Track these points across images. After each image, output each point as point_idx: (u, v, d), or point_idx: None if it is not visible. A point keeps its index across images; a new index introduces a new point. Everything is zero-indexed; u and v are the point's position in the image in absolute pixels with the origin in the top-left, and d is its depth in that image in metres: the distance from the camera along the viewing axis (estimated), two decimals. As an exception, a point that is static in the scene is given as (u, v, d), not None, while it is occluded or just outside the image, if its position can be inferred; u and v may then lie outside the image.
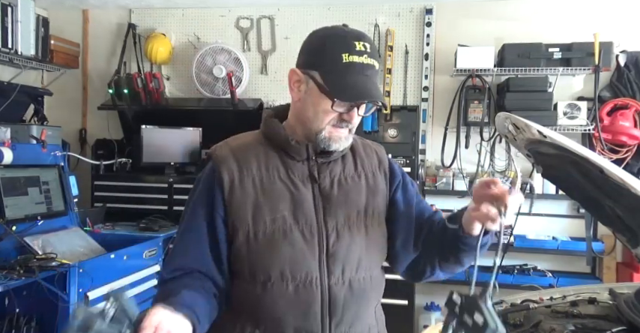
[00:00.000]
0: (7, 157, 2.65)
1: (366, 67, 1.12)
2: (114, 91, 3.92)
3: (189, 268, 1.16)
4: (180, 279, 1.15)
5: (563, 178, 1.66)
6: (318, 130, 1.16)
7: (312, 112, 1.16)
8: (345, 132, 1.18)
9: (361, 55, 1.11)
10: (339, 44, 1.12)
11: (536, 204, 3.66)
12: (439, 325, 1.58)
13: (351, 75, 1.11)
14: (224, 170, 1.18)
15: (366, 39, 1.14)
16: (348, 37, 1.13)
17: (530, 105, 3.43)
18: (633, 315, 1.37)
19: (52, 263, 2.43)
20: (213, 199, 1.17)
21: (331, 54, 1.12)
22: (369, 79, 1.13)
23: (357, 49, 1.11)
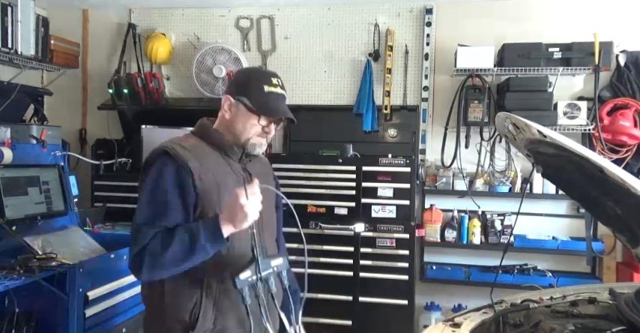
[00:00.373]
0: (7, 157, 2.65)
1: (280, 96, 1.60)
2: (114, 91, 3.93)
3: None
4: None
5: (563, 178, 1.66)
6: (247, 138, 1.59)
7: (241, 126, 1.59)
8: (265, 140, 1.63)
9: (276, 87, 1.59)
10: (262, 79, 1.60)
11: (536, 204, 3.67)
12: (439, 325, 1.59)
13: (271, 100, 1.58)
14: (191, 165, 1.49)
15: (278, 76, 1.63)
16: (267, 74, 1.62)
17: (530, 105, 3.43)
18: (633, 315, 1.36)
19: (52, 263, 2.42)
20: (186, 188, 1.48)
21: (256, 85, 1.58)
22: (282, 103, 1.61)
23: (273, 83, 1.59)
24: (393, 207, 3.48)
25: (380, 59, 3.89)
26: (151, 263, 1.40)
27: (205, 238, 1.38)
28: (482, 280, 3.52)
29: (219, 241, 1.39)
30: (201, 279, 1.50)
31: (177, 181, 1.48)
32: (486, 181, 3.73)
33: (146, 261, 1.40)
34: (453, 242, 3.68)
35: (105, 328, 2.64)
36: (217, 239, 1.38)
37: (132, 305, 2.86)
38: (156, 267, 1.41)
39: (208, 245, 1.38)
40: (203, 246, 1.38)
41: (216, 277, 1.50)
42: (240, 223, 1.35)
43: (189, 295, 1.50)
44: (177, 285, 1.50)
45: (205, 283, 1.50)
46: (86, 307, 2.48)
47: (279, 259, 1.44)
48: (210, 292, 1.50)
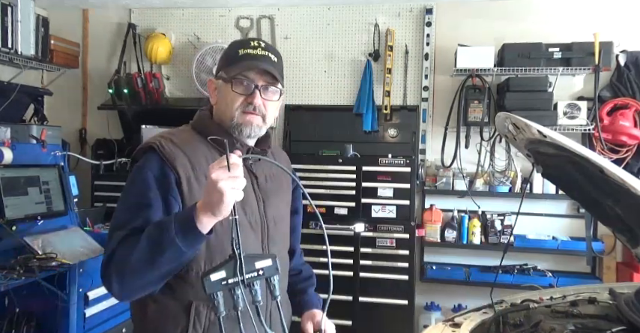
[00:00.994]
0: (7, 157, 2.65)
1: (260, 56, 1.29)
2: (114, 91, 3.93)
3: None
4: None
5: (563, 177, 1.66)
6: (231, 117, 1.30)
7: (224, 104, 1.32)
8: (257, 119, 1.31)
9: (255, 49, 1.30)
10: (237, 44, 1.34)
11: (536, 204, 3.67)
12: (439, 325, 1.59)
13: (245, 61, 1.28)
14: (180, 168, 1.24)
15: (264, 41, 1.34)
16: (246, 39, 1.35)
17: (530, 105, 3.43)
18: (633, 315, 1.36)
19: (52, 263, 2.43)
20: (170, 191, 1.23)
21: (230, 53, 1.32)
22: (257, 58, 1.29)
23: (251, 45, 1.31)
24: (393, 207, 3.48)
25: (380, 59, 3.88)
26: (118, 270, 1.15)
27: (176, 228, 1.08)
28: (483, 280, 3.52)
29: (192, 233, 1.08)
30: (188, 303, 1.25)
31: (160, 181, 1.23)
32: (486, 181, 3.73)
33: (112, 268, 1.16)
34: (453, 242, 3.68)
35: (105, 328, 2.64)
36: (190, 230, 1.08)
37: (132, 305, 2.86)
38: (124, 274, 1.15)
39: (179, 237, 1.08)
40: (172, 239, 1.08)
41: (206, 303, 1.23)
42: (217, 206, 1.02)
43: (173, 323, 1.25)
44: (162, 308, 1.27)
45: (193, 309, 1.24)
46: (86, 307, 2.49)
47: (267, 260, 1.05)
48: (199, 320, 1.25)
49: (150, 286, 1.18)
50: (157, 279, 1.16)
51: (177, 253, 1.10)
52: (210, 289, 0.98)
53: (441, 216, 3.74)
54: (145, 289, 1.19)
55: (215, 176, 1.01)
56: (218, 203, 1.02)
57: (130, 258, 1.12)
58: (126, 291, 1.18)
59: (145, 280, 1.15)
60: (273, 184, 1.39)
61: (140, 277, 1.14)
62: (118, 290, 1.17)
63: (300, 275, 1.60)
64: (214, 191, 1.01)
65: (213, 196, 1.02)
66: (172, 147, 1.27)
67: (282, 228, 1.43)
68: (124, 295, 1.21)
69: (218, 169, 1.01)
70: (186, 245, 1.09)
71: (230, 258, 1.01)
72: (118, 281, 1.16)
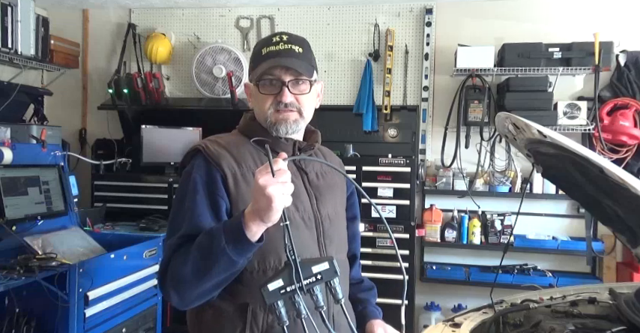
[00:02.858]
0: (7, 157, 2.65)
1: (282, 51, 1.26)
2: (114, 91, 3.93)
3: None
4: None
5: (563, 177, 1.66)
6: (265, 118, 1.28)
7: (257, 106, 1.31)
8: (292, 115, 1.28)
9: (277, 45, 1.27)
10: (261, 43, 1.31)
11: (536, 204, 3.67)
12: (439, 325, 1.58)
13: (268, 59, 1.25)
14: (225, 165, 1.23)
15: (285, 33, 1.31)
16: (269, 36, 1.31)
17: (530, 105, 3.43)
18: (633, 315, 1.36)
19: (52, 263, 2.42)
20: (217, 191, 1.22)
21: (255, 53, 1.30)
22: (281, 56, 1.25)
23: (273, 41, 1.28)
24: (393, 207, 3.48)
25: (380, 59, 3.89)
26: (174, 283, 1.15)
27: (226, 238, 1.07)
28: (482, 280, 3.52)
29: (242, 242, 1.06)
30: (245, 306, 1.23)
31: (207, 183, 1.23)
32: (486, 181, 3.73)
33: (169, 281, 1.16)
34: (453, 242, 3.68)
35: (105, 328, 2.64)
36: (240, 240, 1.05)
37: (132, 305, 2.86)
38: (180, 287, 1.15)
39: (230, 247, 1.06)
40: (223, 249, 1.06)
41: (263, 305, 1.20)
42: (265, 213, 1.00)
43: (231, 326, 1.23)
44: (218, 313, 1.25)
45: (250, 312, 1.22)
46: (86, 307, 2.49)
47: (324, 263, 1.00)
48: (256, 323, 1.22)
49: (207, 294, 1.18)
50: (213, 288, 1.16)
51: (228, 263, 1.08)
52: (269, 300, 0.96)
53: (441, 216, 3.74)
54: (203, 297, 1.18)
55: (263, 182, 0.98)
56: (267, 210, 0.99)
57: (183, 271, 1.12)
58: (185, 301, 1.18)
59: (200, 290, 1.14)
60: (324, 182, 1.36)
61: (195, 288, 1.14)
62: (177, 301, 1.18)
63: (361, 284, 1.54)
64: (262, 197, 0.98)
65: (261, 203, 0.99)
66: (217, 147, 1.27)
67: (339, 227, 1.38)
68: (185, 304, 1.20)
69: (265, 175, 0.99)
70: (237, 255, 1.07)
71: (285, 265, 0.99)
72: (176, 293, 1.16)
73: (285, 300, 0.97)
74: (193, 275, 1.11)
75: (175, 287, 1.15)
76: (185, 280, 1.13)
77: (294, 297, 0.97)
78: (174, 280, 1.15)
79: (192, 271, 1.11)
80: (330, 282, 1.01)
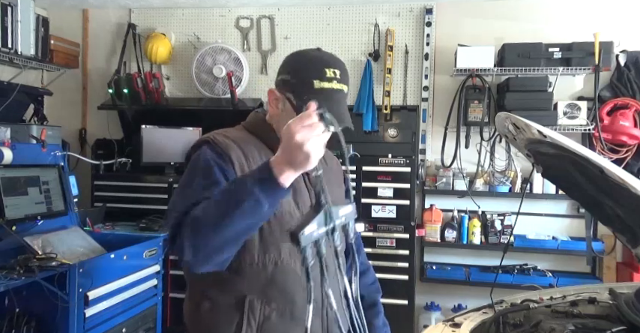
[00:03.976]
0: (7, 157, 2.65)
1: (335, 92, 1.25)
2: (114, 91, 3.93)
3: None
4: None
5: (563, 177, 1.66)
6: None
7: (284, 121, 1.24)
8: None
9: (331, 81, 1.25)
10: (312, 71, 1.25)
11: (536, 204, 3.67)
12: (439, 325, 1.58)
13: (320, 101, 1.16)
14: (233, 156, 1.26)
15: (337, 65, 1.28)
16: (321, 64, 1.26)
17: (530, 105, 3.43)
18: (633, 315, 1.36)
19: (52, 263, 2.42)
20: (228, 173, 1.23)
21: (304, 80, 1.25)
22: (337, 103, 1.25)
23: (327, 75, 1.25)
24: (393, 207, 3.49)
25: (380, 59, 3.89)
26: (192, 229, 1.09)
27: (253, 180, 1.04)
28: (482, 280, 3.52)
29: (272, 184, 1.03)
30: (243, 298, 1.26)
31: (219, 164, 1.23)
32: (486, 181, 3.73)
33: (185, 229, 1.09)
34: (453, 242, 3.68)
35: (105, 328, 2.64)
36: (270, 181, 1.03)
37: (132, 305, 2.86)
38: (198, 233, 1.08)
39: (257, 189, 1.03)
40: (251, 190, 1.03)
41: (260, 297, 1.26)
42: (301, 165, 1.01)
43: (228, 318, 1.26)
44: (215, 305, 1.29)
45: (247, 304, 1.26)
46: (86, 307, 2.49)
47: (348, 206, 1.08)
48: (253, 315, 1.26)
49: (225, 248, 1.11)
50: (233, 238, 1.10)
51: (255, 205, 1.04)
52: (305, 243, 0.97)
53: (441, 216, 3.74)
54: (219, 254, 1.11)
55: (300, 138, 0.97)
56: (304, 162, 1.00)
57: (204, 217, 1.08)
58: (199, 254, 1.09)
59: (218, 240, 1.08)
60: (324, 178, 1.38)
61: (214, 235, 1.07)
62: (190, 256, 1.09)
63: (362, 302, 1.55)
64: (299, 152, 0.98)
65: (298, 157, 0.99)
66: (225, 140, 1.29)
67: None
68: (198, 260, 1.11)
69: (301, 130, 0.98)
70: (264, 195, 1.04)
71: (312, 209, 1.02)
72: (191, 245, 1.08)
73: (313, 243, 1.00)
74: (215, 219, 1.06)
75: (192, 237, 1.08)
76: (205, 226, 1.07)
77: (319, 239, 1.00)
78: (192, 227, 1.09)
79: (213, 215, 1.07)
80: (348, 223, 1.07)
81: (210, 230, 1.07)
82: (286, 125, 1.01)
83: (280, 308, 1.28)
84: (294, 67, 1.31)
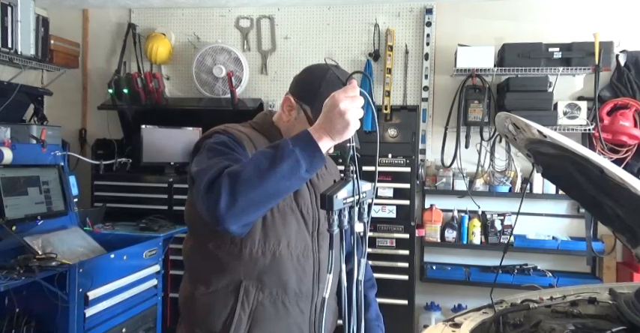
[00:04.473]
0: (7, 157, 2.65)
1: None
2: (114, 91, 3.93)
3: None
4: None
5: (563, 177, 1.66)
6: None
7: (296, 128, 1.33)
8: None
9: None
10: (330, 88, 1.25)
11: (536, 204, 3.67)
12: (439, 325, 1.58)
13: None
14: (246, 145, 1.33)
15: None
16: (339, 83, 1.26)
17: (530, 105, 3.43)
18: (633, 315, 1.36)
19: (52, 263, 2.42)
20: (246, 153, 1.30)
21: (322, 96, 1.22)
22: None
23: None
24: (393, 207, 3.49)
25: (380, 59, 3.89)
26: (231, 181, 1.09)
27: (294, 142, 1.10)
28: (482, 280, 3.52)
29: (311, 148, 1.09)
30: (239, 283, 1.33)
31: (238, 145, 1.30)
32: (486, 181, 3.73)
33: (224, 180, 1.10)
34: (453, 242, 3.68)
35: (105, 328, 2.65)
36: (310, 145, 1.10)
37: (132, 305, 2.86)
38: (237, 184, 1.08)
39: (298, 150, 1.08)
40: (291, 150, 1.08)
41: (255, 283, 1.34)
42: (339, 133, 1.09)
43: (223, 302, 1.34)
44: (211, 289, 1.35)
45: (243, 290, 1.33)
46: (86, 307, 2.49)
47: (368, 184, 1.14)
48: (247, 300, 1.33)
49: (259, 205, 1.13)
50: (269, 197, 1.12)
51: (294, 165, 1.08)
52: (337, 206, 1.03)
53: (441, 216, 3.74)
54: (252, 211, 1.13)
55: (344, 106, 1.06)
56: (343, 130, 1.08)
57: (245, 171, 1.09)
58: (235, 207, 1.09)
59: (258, 195, 1.09)
60: (323, 183, 1.46)
61: (254, 189, 1.08)
62: (226, 206, 1.09)
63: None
64: (340, 120, 1.07)
65: (338, 125, 1.07)
66: (238, 132, 1.35)
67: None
68: (232, 214, 1.10)
69: (345, 99, 1.06)
70: (303, 157, 1.08)
71: (344, 180, 1.08)
72: (230, 194, 1.08)
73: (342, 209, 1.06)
74: (256, 174, 1.08)
75: (230, 189, 1.09)
76: (245, 180, 1.08)
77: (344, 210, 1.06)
78: (231, 182, 1.09)
79: (254, 171, 1.09)
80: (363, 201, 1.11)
81: (250, 185, 1.09)
82: (331, 95, 1.09)
83: (273, 295, 1.35)
84: (315, 82, 1.37)
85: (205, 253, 1.37)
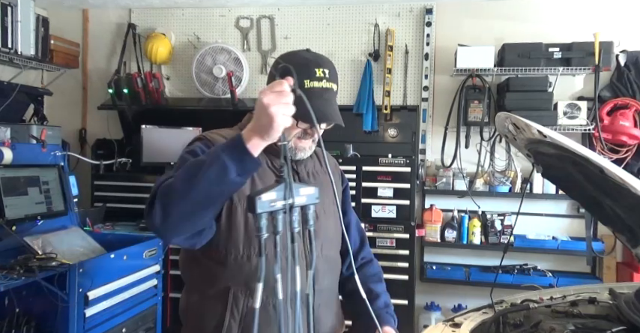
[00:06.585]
0: (7, 157, 2.65)
1: (324, 91, 1.31)
2: (114, 91, 3.93)
3: None
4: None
5: (563, 177, 1.66)
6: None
7: None
8: (309, 142, 1.38)
9: (320, 81, 1.30)
10: (302, 71, 1.26)
11: (536, 204, 3.67)
12: (439, 325, 1.59)
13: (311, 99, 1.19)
14: None
15: (326, 64, 1.33)
16: (310, 64, 1.30)
17: (530, 105, 3.43)
18: (633, 315, 1.36)
19: (52, 263, 2.42)
20: None
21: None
22: (327, 101, 1.31)
23: (316, 75, 1.29)
24: (393, 207, 3.48)
25: (380, 59, 3.89)
26: (162, 195, 1.11)
27: (223, 146, 1.08)
28: (482, 280, 3.52)
29: (239, 150, 1.06)
30: (227, 290, 1.31)
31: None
32: (486, 181, 3.73)
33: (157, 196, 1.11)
34: (453, 242, 3.68)
35: (105, 328, 2.64)
36: (237, 147, 1.06)
37: (132, 305, 2.86)
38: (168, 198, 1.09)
39: (226, 156, 1.05)
40: (219, 156, 1.06)
41: (244, 289, 1.30)
42: (266, 130, 1.03)
43: (213, 310, 1.32)
44: (203, 296, 1.34)
45: (232, 296, 1.30)
46: (86, 307, 2.49)
47: (311, 188, 1.04)
48: (237, 307, 1.30)
49: (193, 215, 1.12)
50: (201, 205, 1.10)
51: (221, 170, 1.05)
52: (260, 209, 0.96)
53: (441, 216, 3.74)
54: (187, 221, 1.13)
55: (267, 101, 1.01)
56: (268, 127, 1.02)
57: (175, 182, 1.10)
58: (169, 219, 1.10)
59: (188, 204, 1.09)
60: (315, 181, 1.43)
61: (184, 198, 1.08)
62: (160, 220, 1.10)
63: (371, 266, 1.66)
64: (264, 115, 1.02)
65: (263, 121, 1.02)
66: (219, 137, 1.34)
67: (327, 225, 1.43)
68: (167, 225, 1.12)
69: (269, 94, 1.02)
70: (231, 161, 1.05)
71: (277, 182, 1.01)
72: (161, 209, 1.10)
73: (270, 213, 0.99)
74: (184, 184, 1.08)
75: (162, 203, 1.10)
76: (175, 191, 1.09)
77: (277, 212, 0.98)
78: (162, 194, 1.11)
79: (183, 180, 1.09)
80: (307, 207, 1.04)
81: (179, 196, 1.08)
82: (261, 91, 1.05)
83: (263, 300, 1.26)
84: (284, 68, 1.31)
85: (196, 261, 1.37)
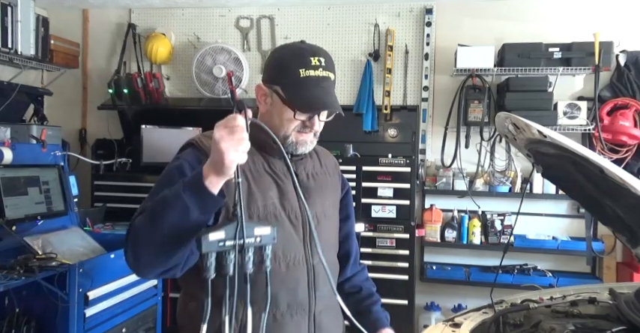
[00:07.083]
0: (7, 157, 2.65)
1: (321, 80, 1.27)
2: (114, 91, 3.93)
3: None
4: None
5: (563, 177, 1.66)
6: (286, 135, 1.30)
7: (278, 120, 1.30)
8: (310, 136, 1.34)
9: (316, 69, 1.27)
10: (297, 61, 1.26)
11: (536, 204, 3.67)
12: (439, 325, 1.59)
13: (308, 88, 1.24)
14: None
15: (322, 54, 1.30)
16: (305, 53, 1.28)
17: (530, 105, 3.43)
18: (633, 315, 1.36)
19: (52, 263, 2.42)
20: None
21: (290, 70, 1.26)
22: (324, 90, 1.28)
23: (312, 64, 1.26)
24: (393, 207, 3.48)
25: (380, 59, 3.88)
26: (131, 237, 1.12)
27: (183, 185, 1.06)
28: (482, 280, 3.52)
29: (198, 188, 1.03)
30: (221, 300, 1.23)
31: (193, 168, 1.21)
32: (486, 181, 3.73)
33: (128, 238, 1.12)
34: (453, 242, 3.68)
35: (105, 328, 2.64)
36: (196, 185, 1.04)
37: (132, 305, 2.86)
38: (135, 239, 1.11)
39: (187, 195, 1.03)
40: (178, 194, 1.04)
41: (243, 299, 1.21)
42: (219, 166, 1.00)
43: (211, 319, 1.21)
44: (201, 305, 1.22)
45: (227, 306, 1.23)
46: (86, 307, 2.49)
47: (266, 228, 1.01)
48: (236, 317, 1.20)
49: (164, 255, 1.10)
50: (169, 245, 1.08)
51: (182, 209, 1.04)
52: (205, 249, 0.95)
53: (441, 216, 3.74)
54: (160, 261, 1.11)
55: (218, 136, 0.99)
56: (220, 164, 1.00)
57: (142, 223, 1.10)
58: (141, 261, 1.11)
59: (155, 246, 1.08)
60: (315, 183, 1.40)
61: (149, 240, 1.08)
62: (133, 260, 1.11)
63: (360, 293, 1.56)
64: (216, 151, 1.00)
65: (215, 156, 1.00)
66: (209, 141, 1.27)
67: (327, 227, 1.41)
68: (139, 266, 1.13)
69: (222, 130, 1.00)
70: (192, 201, 1.03)
71: (229, 220, 0.99)
72: (132, 252, 1.10)
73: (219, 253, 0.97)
74: (149, 226, 1.08)
75: (132, 243, 1.11)
76: (142, 234, 1.09)
77: (228, 252, 0.96)
78: (131, 237, 1.11)
79: (148, 222, 1.08)
80: (264, 247, 1.02)
81: (145, 239, 1.09)
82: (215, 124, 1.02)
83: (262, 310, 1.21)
84: (279, 59, 1.32)
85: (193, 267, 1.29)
